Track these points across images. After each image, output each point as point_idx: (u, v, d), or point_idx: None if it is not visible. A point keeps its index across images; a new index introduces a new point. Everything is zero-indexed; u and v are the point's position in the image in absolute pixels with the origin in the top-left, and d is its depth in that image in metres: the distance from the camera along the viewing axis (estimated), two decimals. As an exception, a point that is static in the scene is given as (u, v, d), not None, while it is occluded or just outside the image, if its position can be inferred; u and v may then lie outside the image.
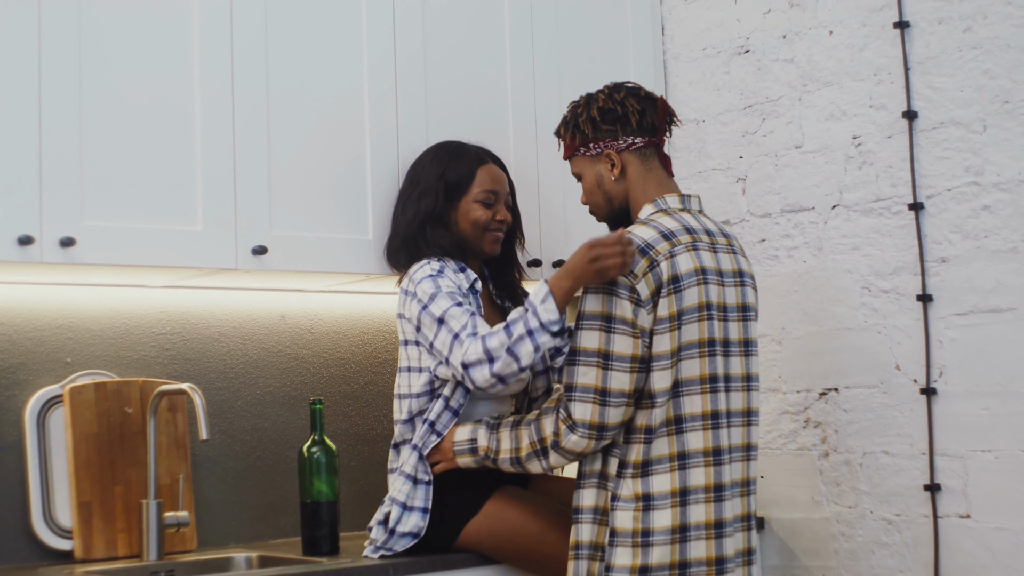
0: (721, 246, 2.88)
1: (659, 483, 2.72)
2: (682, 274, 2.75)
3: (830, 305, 3.55)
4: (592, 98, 2.95)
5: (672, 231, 2.80)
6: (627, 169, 2.92)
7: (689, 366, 2.75)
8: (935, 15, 3.35)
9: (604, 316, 2.72)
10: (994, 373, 3.22)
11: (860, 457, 3.47)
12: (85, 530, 3.06)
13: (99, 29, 2.90)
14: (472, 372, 2.84)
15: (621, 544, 2.72)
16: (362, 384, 3.64)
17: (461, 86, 3.49)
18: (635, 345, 2.70)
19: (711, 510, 2.75)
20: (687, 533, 2.72)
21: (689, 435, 2.74)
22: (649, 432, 2.74)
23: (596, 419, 2.71)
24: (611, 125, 2.91)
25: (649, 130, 2.92)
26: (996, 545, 3.20)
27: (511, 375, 2.82)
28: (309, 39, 3.23)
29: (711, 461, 2.76)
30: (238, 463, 3.40)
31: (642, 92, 2.95)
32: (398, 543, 2.95)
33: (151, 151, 2.95)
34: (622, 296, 2.71)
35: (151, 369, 3.29)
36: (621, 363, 2.70)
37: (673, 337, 2.73)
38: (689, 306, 2.75)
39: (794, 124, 3.66)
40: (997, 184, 3.22)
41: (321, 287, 3.50)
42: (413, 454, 2.98)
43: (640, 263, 2.72)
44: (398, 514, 2.95)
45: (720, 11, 3.86)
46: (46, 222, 2.78)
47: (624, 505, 2.72)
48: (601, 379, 2.71)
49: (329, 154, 3.24)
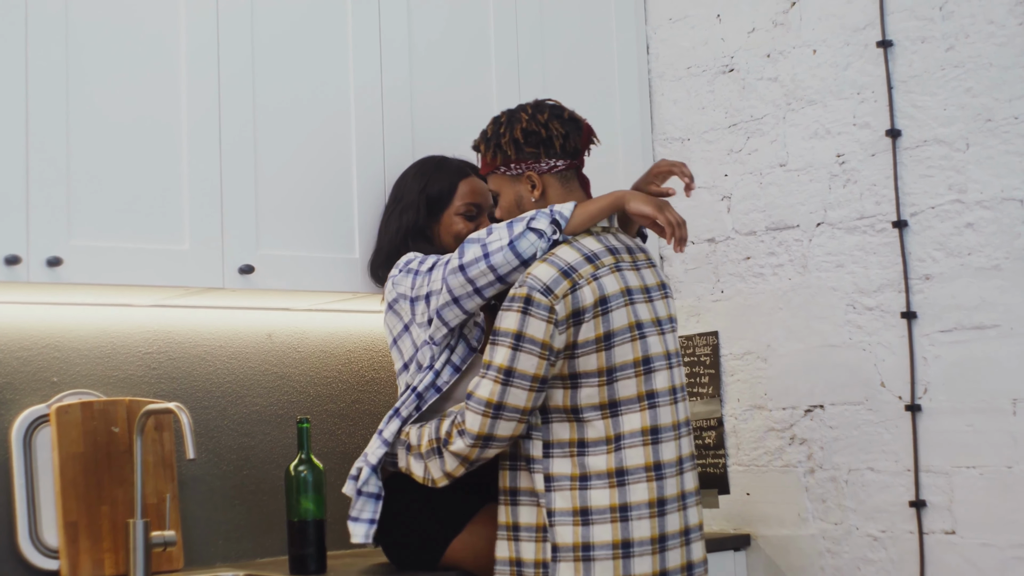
0: (642, 262, 2.92)
1: (598, 498, 2.75)
2: (609, 296, 2.78)
3: (815, 322, 3.57)
4: (515, 118, 2.96)
5: (595, 253, 2.83)
6: (547, 191, 2.94)
7: (626, 385, 2.78)
8: (918, 34, 3.37)
9: (515, 334, 2.74)
10: (978, 390, 3.23)
11: (846, 474, 3.49)
12: (72, 550, 3.06)
13: (86, 50, 2.90)
14: (466, 249, 2.84)
15: (563, 559, 2.74)
16: (349, 402, 3.64)
17: (447, 106, 3.50)
18: (540, 366, 2.73)
19: (655, 525, 2.76)
20: (630, 548, 2.74)
21: (628, 451, 2.77)
22: (582, 445, 2.77)
23: (484, 431, 2.76)
24: (534, 148, 2.93)
25: (571, 153, 2.95)
26: (981, 561, 3.21)
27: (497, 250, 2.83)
28: (295, 59, 3.24)
29: (653, 476, 2.79)
30: (225, 482, 3.40)
31: (565, 114, 2.96)
32: (365, 509, 2.99)
33: (138, 171, 2.96)
34: (538, 316, 2.73)
35: (138, 388, 3.29)
36: (522, 381, 2.73)
37: (600, 358, 2.76)
38: (619, 327, 2.78)
39: (778, 142, 3.68)
40: (980, 202, 3.24)
41: (308, 305, 3.51)
42: (396, 421, 2.99)
43: (562, 284, 2.75)
44: (367, 475, 2.99)
45: (704, 30, 3.89)
46: (33, 242, 2.78)
47: (562, 519, 2.75)
48: (499, 394, 2.74)
49: (315, 173, 3.25)
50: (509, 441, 2.78)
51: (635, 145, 3.94)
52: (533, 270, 2.76)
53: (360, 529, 2.99)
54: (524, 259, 2.80)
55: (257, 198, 3.13)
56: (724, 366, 3.78)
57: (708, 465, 3.80)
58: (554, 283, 2.74)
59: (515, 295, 2.76)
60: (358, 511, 3.00)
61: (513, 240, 2.80)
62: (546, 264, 2.77)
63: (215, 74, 3.09)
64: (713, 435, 3.78)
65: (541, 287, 2.73)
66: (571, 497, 2.74)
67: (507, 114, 2.99)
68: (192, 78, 3.05)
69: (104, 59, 2.93)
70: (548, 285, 2.73)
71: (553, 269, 2.75)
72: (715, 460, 3.78)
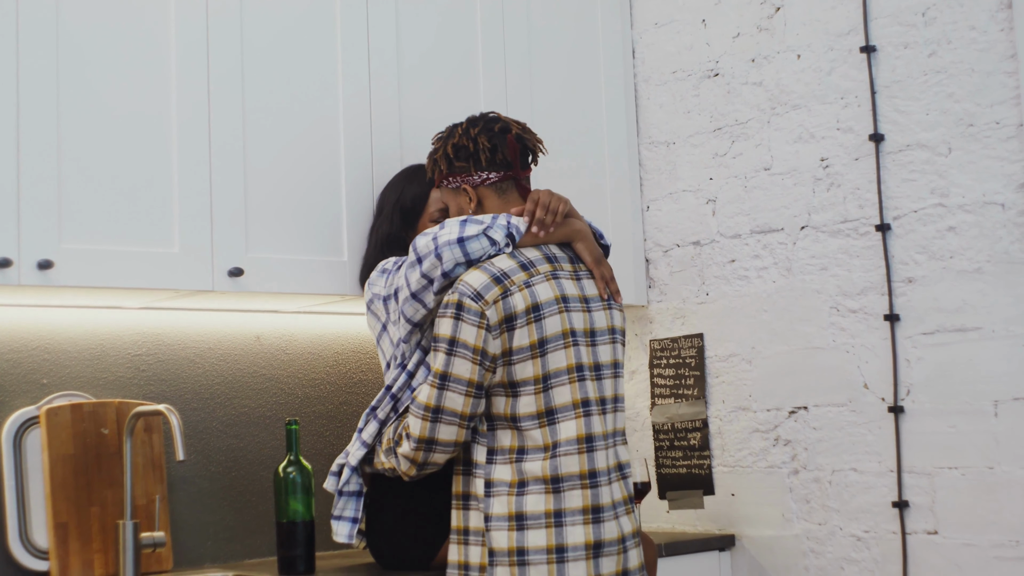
0: (583, 272, 2.96)
1: (533, 503, 2.79)
2: (542, 303, 2.83)
3: (799, 325, 3.60)
4: (451, 132, 3.04)
5: (531, 260, 2.88)
6: (484, 202, 3.00)
7: (560, 392, 2.83)
8: (901, 39, 3.41)
9: (449, 340, 2.80)
10: (960, 391, 3.27)
11: (829, 475, 3.52)
12: (62, 551, 3.07)
13: (78, 52, 2.92)
14: (419, 243, 2.89)
15: (499, 564, 2.78)
16: (337, 404, 3.66)
17: (434, 109, 3.52)
18: (473, 371, 2.79)
19: (589, 531, 2.80)
20: (564, 554, 2.78)
21: (563, 459, 2.81)
22: (521, 452, 2.81)
23: (425, 434, 2.81)
24: (464, 162, 3.00)
25: (503, 165, 3.00)
26: (963, 561, 3.24)
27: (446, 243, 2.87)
28: (285, 63, 3.26)
29: (588, 484, 2.82)
30: (214, 483, 3.42)
31: (496, 127, 3.02)
32: (347, 507, 3.02)
33: (128, 174, 2.97)
34: (469, 322, 2.79)
35: (127, 390, 3.31)
36: (457, 385, 2.79)
37: (536, 364, 2.81)
38: (552, 334, 2.83)
39: (763, 146, 3.71)
40: (962, 206, 3.27)
41: (296, 308, 3.52)
42: (373, 423, 3.01)
43: (493, 290, 2.80)
44: (347, 475, 3.02)
45: (690, 35, 3.92)
46: (24, 245, 2.80)
47: (498, 524, 2.79)
48: (435, 398, 2.80)
49: (304, 177, 3.27)
50: (454, 446, 2.84)
51: (620, 149, 3.97)
52: (465, 276, 2.83)
53: (344, 528, 3.02)
54: (471, 259, 2.85)
55: (246, 202, 3.15)
56: (709, 368, 3.81)
57: (693, 466, 3.82)
58: (484, 289, 2.79)
59: (448, 302, 2.82)
60: (340, 509, 3.03)
61: (464, 238, 2.85)
62: (479, 271, 2.83)
63: (205, 78, 3.10)
64: (698, 436, 3.81)
65: (472, 293, 2.79)
66: (507, 503, 2.79)
67: (448, 129, 3.07)
68: (182, 81, 3.07)
69: (97, 64, 2.95)
70: (478, 291, 2.79)
71: (485, 276, 2.81)
72: (700, 461, 3.81)
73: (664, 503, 3.89)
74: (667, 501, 3.87)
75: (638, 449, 3.95)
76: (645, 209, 4.01)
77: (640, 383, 3.98)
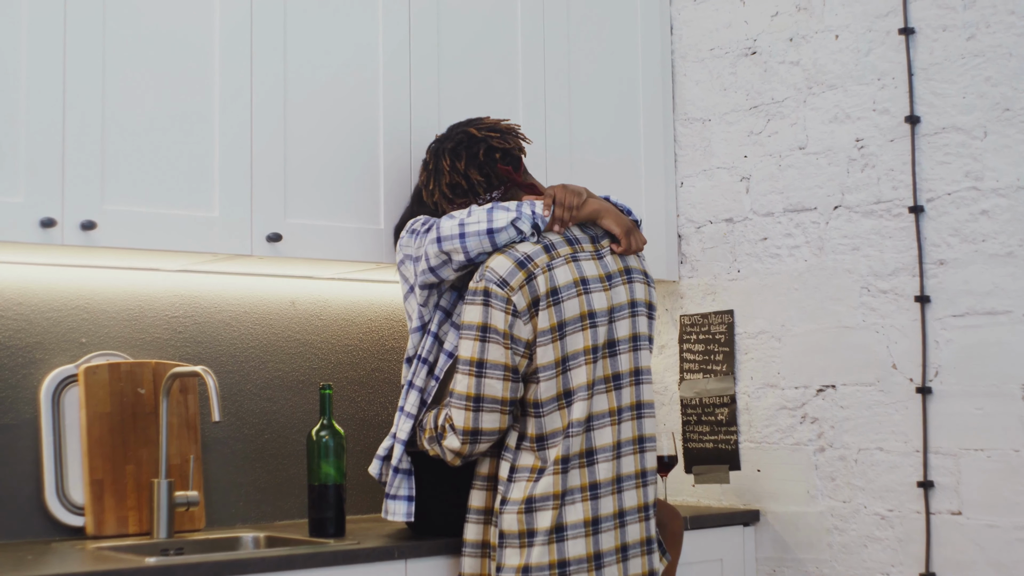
0: (604, 251, 3.00)
1: (544, 486, 2.83)
2: (560, 286, 2.87)
3: (829, 304, 3.62)
4: (437, 168, 3.10)
5: (553, 243, 2.93)
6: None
7: (577, 374, 2.88)
8: (939, 22, 3.41)
9: (480, 327, 2.85)
10: (988, 374, 3.28)
11: (855, 453, 3.54)
12: (97, 507, 3.12)
13: (122, 22, 2.95)
14: (443, 224, 2.95)
15: (509, 545, 2.83)
16: (369, 370, 3.70)
17: (473, 81, 3.54)
18: (506, 355, 2.83)
19: (588, 508, 2.86)
20: (564, 532, 2.84)
21: (573, 439, 2.86)
22: (542, 439, 2.86)
23: (470, 425, 2.85)
24: (463, 197, 3.09)
25: (500, 182, 3.08)
26: (986, 541, 3.27)
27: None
28: (326, 30, 3.28)
29: (585, 463, 2.89)
30: (247, 445, 3.46)
31: (480, 152, 3.07)
32: (402, 486, 3.02)
33: (171, 138, 3.01)
34: (497, 307, 2.83)
35: (164, 351, 3.35)
36: (494, 371, 2.83)
37: (556, 348, 2.86)
38: (571, 317, 2.87)
39: (798, 125, 3.72)
40: (996, 190, 3.28)
41: (332, 274, 3.56)
42: (413, 392, 3.04)
43: (518, 276, 2.85)
44: (399, 452, 3.03)
45: (728, 12, 3.92)
46: (68, 205, 2.84)
47: (511, 508, 2.84)
48: (474, 387, 2.84)
49: (344, 145, 3.30)
50: (498, 434, 2.87)
51: (656, 124, 3.98)
52: (490, 262, 2.87)
53: (400, 507, 3.03)
54: (497, 248, 2.91)
55: (286, 168, 3.18)
56: (739, 344, 3.83)
57: (720, 441, 3.85)
58: (509, 275, 2.84)
59: (475, 289, 2.87)
60: (395, 488, 3.04)
61: (493, 229, 2.90)
62: (503, 256, 2.88)
63: (248, 46, 3.13)
64: (726, 412, 3.84)
65: (497, 280, 2.84)
66: (524, 488, 2.84)
67: (432, 155, 3.13)
68: (225, 48, 3.09)
69: (140, 29, 2.98)
70: (504, 278, 2.84)
71: (510, 261, 2.86)
72: (727, 436, 3.83)
73: (690, 477, 3.92)
74: (693, 475, 3.91)
75: (665, 423, 3.98)
76: (679, 185, 4.02)
77: (669, 358, 4.01)
